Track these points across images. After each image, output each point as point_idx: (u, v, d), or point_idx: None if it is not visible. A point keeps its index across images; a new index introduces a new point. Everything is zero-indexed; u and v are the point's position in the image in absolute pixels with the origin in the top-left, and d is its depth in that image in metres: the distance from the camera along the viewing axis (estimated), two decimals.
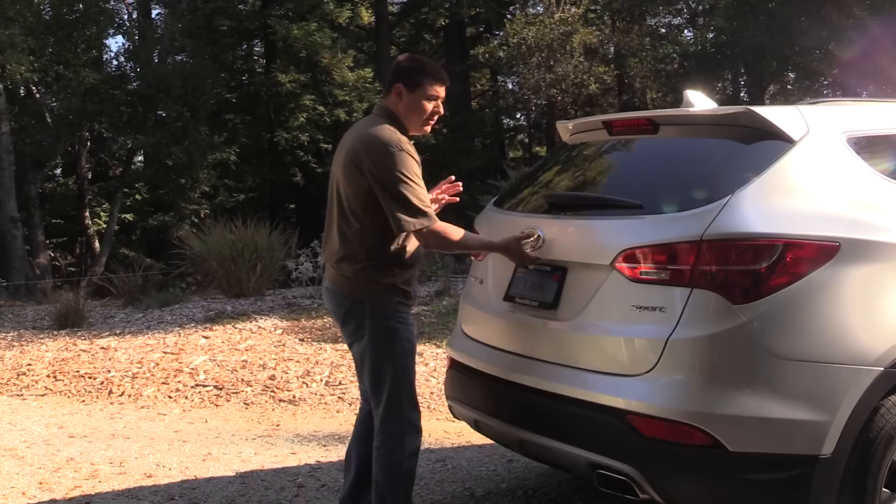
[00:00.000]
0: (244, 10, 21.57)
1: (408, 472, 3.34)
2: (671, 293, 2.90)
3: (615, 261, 3.02)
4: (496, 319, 3.61)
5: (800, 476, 2.80)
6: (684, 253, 2.89)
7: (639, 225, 3.08)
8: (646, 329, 2.93)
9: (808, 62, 16.31)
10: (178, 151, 18.04)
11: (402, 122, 3.33)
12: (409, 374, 3.36)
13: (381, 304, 3.28)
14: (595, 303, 3.11)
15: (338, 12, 18.86)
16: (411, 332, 3.37)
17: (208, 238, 10.41)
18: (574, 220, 3.43)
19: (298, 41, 18.29)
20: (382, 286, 3.27)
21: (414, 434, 3.35)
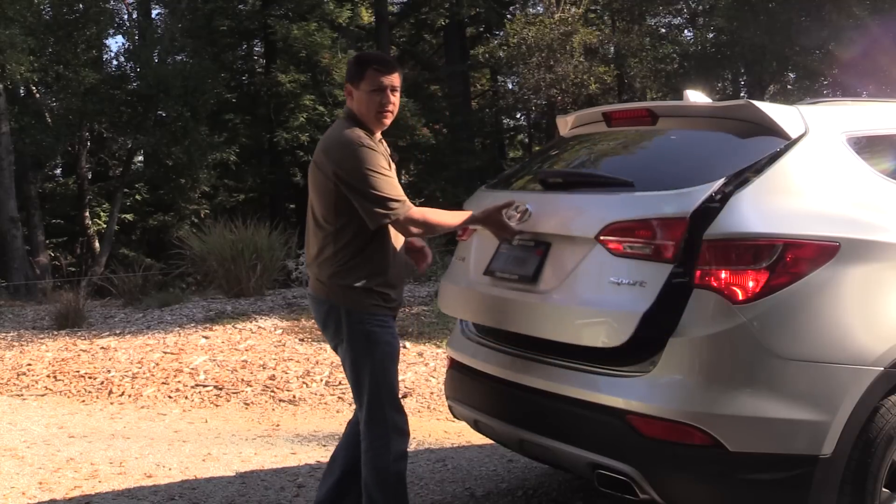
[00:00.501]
0: (244, 10, 21.57)
1: (396, 475, 3.29)
2: (653, 269, 2.89)
3: (600, 234, 3.02)
4: (473, 293, 3.60)
5: (800, 476, 2.80)
6: (670, 229, 2.89)
7: (627, 200, 3.09)
8: (622, 302, 2.92)
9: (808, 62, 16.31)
10: (178, 151, 18.04)
11: (363, 121, 3.28)
12: (391, 377, 3.30)
13: (358, 307, 3.24)
14: (574, 276, 3.11)
15: (338, 12, 18.86)
16: (391, 334, 3.32)
17: (208, 238, 10.41)
18: (562, 195, 3.44)
19: (298, 41, 18.28)
20: (357, 290, 3.23)
21: (399, 437, 3.30)
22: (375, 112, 3.26)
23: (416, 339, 7.54)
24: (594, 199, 3.24)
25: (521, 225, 3.34)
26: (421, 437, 5.32)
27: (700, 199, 2.88)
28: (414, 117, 19.43)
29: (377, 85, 3.24)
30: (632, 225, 2.98)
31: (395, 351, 3.34)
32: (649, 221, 2.95)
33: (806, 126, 3.11)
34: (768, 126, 3.09)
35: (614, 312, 2.95)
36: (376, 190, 3.13)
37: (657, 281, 2.87)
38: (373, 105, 3.25)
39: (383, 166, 3.18)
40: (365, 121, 3.28)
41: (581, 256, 3.11)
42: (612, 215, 3.04)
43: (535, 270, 3.27)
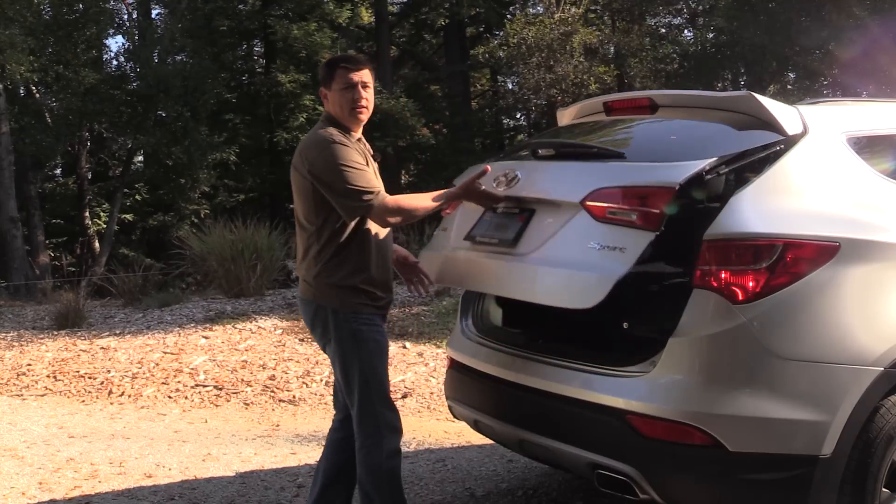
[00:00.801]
0: (244, 10, 21.56)
1: (390, 472, 3.30)
2: (634, 236, 2.88)
3: (586, 199, 3.01)
4: (451, 258, 3.60)
5: (800, 476, 2.79)
6: (657, 198, 2.88)
7: (616, 168, 3.12)
8: (599, 266, 2.91)
9: (808, 62, 16.31)
10: (178, 151, 18.03)
11: (339, 122, 3.33)
12: (380, 374, 3.32)
13: (344, 307, 3.25)
14: (554, 240, 3.11)
15: (338, 12, 18.86)
16: (379, 332, 3.33)
17: (208, 238, 10.41)
18: (552, 163, 3.45)
19: (298, 41, 18.28)
20: (342, 288, 3.25)
21: (391, 434, 3.31)
22: (349, 109, 3.30)
23: (416, 339, 7.54)
24: (583, 166, 3.25)
25: (508, 191, 3.33)
26: (421, 437, 5.32)
27: (690, 171, 2.88)
28: (414, 117, 19.43)
29: (347, 82, 3.29)
30: (619, 192, 2.97)
31: (383, 348, 3.34)
32: (637, 189, 2.95)
33: (806, 126, 3.11)
34: (767, 120, 3.09)
35: (590, 275, 2.93)
36: (349, 183, 3.16)
37: (637, 248, 2.86)
38: (345, 102, 3.30)
39: (356, 160, 3.20)
40: (341, 120, 3.33)
41: (563, 221, 3.10)
42: (601, 182, 3.04)
43: (515, 235, 3.25)
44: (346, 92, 3.29)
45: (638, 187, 2.95)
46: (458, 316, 3.96)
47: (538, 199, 3.27)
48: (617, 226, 2.94)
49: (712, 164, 2.92)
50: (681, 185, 2.87)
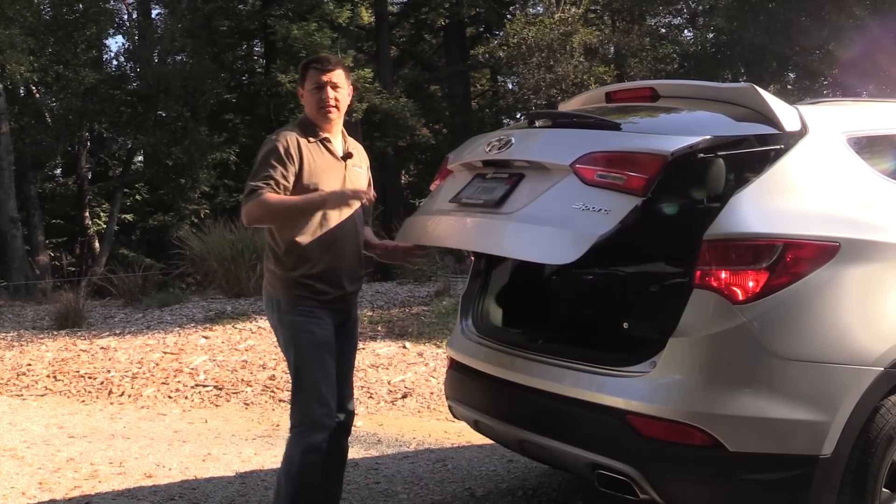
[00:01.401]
0: (244, 10, 21.56)
1: (303, 468, 3.32)
2: (620, 199, 2.88)
3: (576, 161, 3.01)
4: (434, 218, 3.60)
5: (800, 476, 2.79)
6: (647, 165, 2.88)
7: (611, 135, 3.14)
8: (581, 225, 2.89)
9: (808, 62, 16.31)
10: (178, 151, 18.02)
11: (311, 122, 3.44)
12: (313, 367, 3.36)
13: (283, 297, 3.38)
14: (540, 200, 3.10)
15: (338, 12, 18.83)
16: (317, 325, 3.37)
17: (208, 238, 10.41)
18: (547, 129, 3.48)
19: (298, 41, 18.26)
20: (283, 280, 3.38)
21: (313, 430, 3.34)
22: (318, 108, 3.41)
23: (416, 339, 7.54)
24: (578, 133, 3.27)
25: (499, 154, 3.34)
26: (421, 437, 5.32)
27: (684, 143, 2.89)
28: (414, 117, 19.42)
29: (317, 82, 3.40)
30: (611, 156, 2.98)
31: (319, 342, 3.36)
32: (629, 154, 2.96)
33: (806, 126, 3.11)
34: (766, 114, 3.08)
35: (571, 233, 2.91)
36: (250, 179, 3.32)
37: (621, 211, 2.85)
38: (315, 102, 3.41)
39: (274, 157, 3.29)
40: (313, 119, 3.45)
41: (551, 184, 3.09)
42: (593, 147, 3.05)
43: (502, 196, 3.25)
44: (315, 92, 3.41)
45: (630, 152, 2.96)
46: (458, 316, 3.97)
47: (529, 161, 3.26)
48: (604, 189, 2.93)
49: (707, 141, 2.92)
50: (672, 154, 2.86)
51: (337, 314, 3.45)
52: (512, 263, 4.01)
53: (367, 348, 7.21)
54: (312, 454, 3.32)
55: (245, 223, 3.42)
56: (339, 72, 3.43)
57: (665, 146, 2.90)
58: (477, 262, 4.01)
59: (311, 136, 3.40)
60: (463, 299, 3.99)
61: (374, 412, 5.91)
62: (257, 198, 3.25)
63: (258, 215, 3.32)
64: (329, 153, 3.42)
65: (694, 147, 2.91)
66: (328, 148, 3.43)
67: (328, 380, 3.37)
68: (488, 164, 3.44)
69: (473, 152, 3.57)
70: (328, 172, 3.39)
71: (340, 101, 3.43)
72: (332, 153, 3.43)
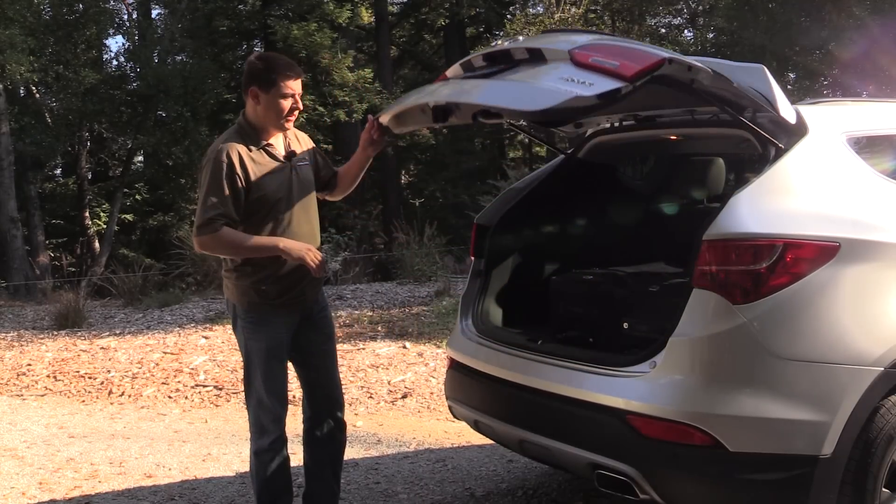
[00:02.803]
0: (244, 10, 21.54)
1: (258, 468, 3.46)
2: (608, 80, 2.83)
3: (574, 49, 2.99)
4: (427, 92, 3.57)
5: (800, 476, 2.80)
6: (643, 59, 2.85)
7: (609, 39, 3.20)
8: (562, 86, 2.86)
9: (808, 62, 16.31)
10: (178, 151, 18.02)
11: (256, 127, 3.34)
12: (259, 372, 3.39)
13: (237, 301, 3.41)
14: (530, 72, 3.11)
15: (338, 12, 18.82)
16: (268, 332, 3.38)
17: None
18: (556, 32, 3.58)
19: (298, 41, 18.25)
20: (237, 286, 3.39)
21: (260, 435, 3.45)
22: (282, 117, 3.33)
23: (416, 339, 7.54)
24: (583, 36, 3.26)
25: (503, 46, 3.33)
26: (421, 437, 5.32)
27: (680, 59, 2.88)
28: None
29: (289, 91, 3.31)
30: (610, 48, 2.98)
31: (266, 349, 3.38)
32: (628, 49, 2.96)
33: (806, 126, 3.11)
34: (768, 97, 3.04)
35: (549, 88, 2.90)
36: (199, 205, 3.29)
37: (604, 86, 2.81)
38: (280, 110, 3.31)
39: (220, 182, 3.20)
40: (260, 124, 3.33)
41: (545, 66, 3.10)
42: (595, 42, 3.08)
43: (495, 71, 3.24)
44: (285, 100, 3.30)
45: (629, 49, 2.98)
46: (458, 316, 3.97)
47: (529, 49, 3.22)
48: (595, 71, 2.90)
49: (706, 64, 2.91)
50: (671, 60, 2.84)
51: (296, 311, 3.44)
52: (512, 263, 4.01)
53: (367, 348, 7.21)
54: (262, 455, 3.46)
55: (197, 250, 3.45)
56: (301, 80, 3.38)
57: (661, 55, 2.87)
58: (477, 262, 4.02)
59: (252, 143, 3.31)
60: (463, 299, 3.99)
61: (374, 412, 5.91)
62: (213, 233, 3.23)
63: (213, 248, 3.32)
64: (271, 157, 3.34)
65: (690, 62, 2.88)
66: (270, 152, 3.35)
67: (273, 385, 3.42)
68: (488, 57, 3.39)
69: (475, 53, 3.57)
70: (272, 177, 3.31)
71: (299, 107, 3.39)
72: (275, 157, 3.35)
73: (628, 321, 3.57)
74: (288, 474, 3.54)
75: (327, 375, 3.59)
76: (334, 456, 3.65)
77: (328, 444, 3.60)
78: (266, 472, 3.45)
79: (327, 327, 3.62)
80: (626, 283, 3.72)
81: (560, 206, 4.13)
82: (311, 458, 3.66)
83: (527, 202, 4.04)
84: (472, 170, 20.92)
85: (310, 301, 3.49)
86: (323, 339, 3.58)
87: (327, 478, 3.63)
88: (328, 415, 3.60)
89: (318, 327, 3.55)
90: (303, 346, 3.51)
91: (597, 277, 3.84)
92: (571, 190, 4.15)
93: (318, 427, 3.61)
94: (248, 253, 3.30)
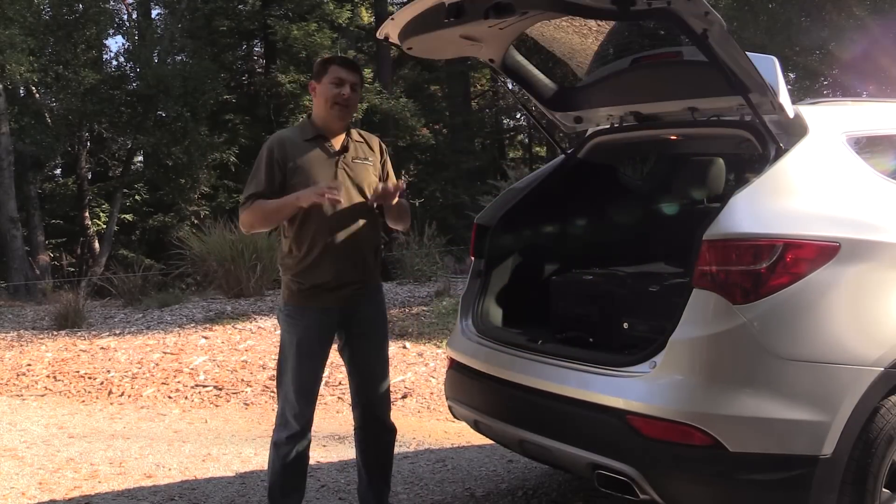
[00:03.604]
0: (244, 11, 21.53)
1: (275, 460, 3.50)
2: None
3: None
4: None
5: (800, 476, 2.79)
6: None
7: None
8: None
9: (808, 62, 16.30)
10: (178, 152, 18.02)
11: (315, 122, 3.51)
12: (289, 367, 3.46)
13: (282, 294, 3.58)
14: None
15: (338, 13, 18.83)
16: (300, 326, 3.45)
17: (208, 238, 10.41)
18: None
19: (298, 41, 18.26)
20: (282, 279, 3.56)
21: (282, 427, 3.50)
22: (331, 103, 3.43)
23: (416, 339, 7.54)
24: None
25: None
26: (421, 437, 5.32)
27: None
28: (414, 117, 19.42)
29: (337, 78, 3.43)
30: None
31: (296, 342, 3.45)
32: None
33: (806, 126, 3.11)
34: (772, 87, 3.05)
35: None
36: (247, 184, 3.47)
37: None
38: (329, 96, 3.43)
39: (259, 166, 3.41)
40: (320, 117, 3.49)
41: None
42: None
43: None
44: (333, 86, 3.42)
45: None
46: (458, 316, 3.97)
47: None
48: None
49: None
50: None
51: (333, 314, 3.46)
52: (512, 263, 4.01)
53: None
54: (280, 447, 3.49)
55: (244, 232, 3.59)
56: (359, 76, 3.51)
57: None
58: (477, 262, 4.02)
59: (305, 135, 3.47)
60: (463, 299, 3.99)
61: None
62: (248, 208, 3.41)
63: (250, 223, 3.47)
64: (321, 149, 3.44)
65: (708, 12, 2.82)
66: (321, 145, 3.45)
67: (301, 381, 3.46)
68: None
69: None
70: (316, 168, 3.40)
71: (353, 103, 3.47)
72: (325, 149, 3.45)
73: (628, 321, 3.57)
74: (303, 471, 3.56)
75: (374, 379, 3.61)
76: (382, 459, 3.68)
77: (374, 446, 3.63)
78: (280, 465, 3.48)
79: (374, 338, 3.61)
80: (626, 283, 3.72)
81: (560, 206, 4.13)
82: (359, 459, 3.71)
83: (527, 202, 4.04)
84: (472, 170, 20.91)
85: (352, 303, 3.49)
86: (367, 349, 3.59)
87: (376, 479, 3.66)
88: (373, 417, 3.62)
89: (363, 336, 3.57)
90: (353, 349, 3.57)
91: (597, 277, 3.84)
92: (571, 190, 4.15)
93: (365, 429, 3.65)
94: (274, 215, 3.42)
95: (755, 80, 3.02)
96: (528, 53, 4.26)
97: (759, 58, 3.13)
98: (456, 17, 3.26)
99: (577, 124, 4.16)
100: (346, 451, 5.01)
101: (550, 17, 3.57)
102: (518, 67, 4.02)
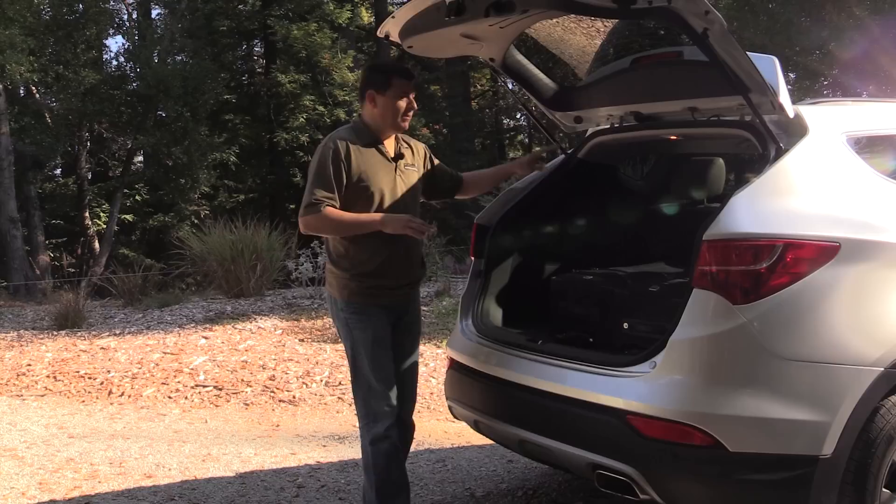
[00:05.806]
0: (244, 11, 21.54)
1: (375, 457, 3.44)
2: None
3: None
4: None
5: (800, 476, 2.79)
6: None
7: None
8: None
9: (808, 62, 16.30)
10: (178, 152, 18.02)
11: (370, 127, 3.52)
12: (365, 363, 3.46)
13: (339, 296, 3.53)
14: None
15: (338, 13, 18.84)
16: (368, 323, 3.47)
17: (208, 238, 10.40)
18: None
19: (298, 41, 18.27)
20: (339, 280, 3.52)
21: (375, 421, 3.45)
22: (399, 117, 3.52)
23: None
24: None
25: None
26: (421, 437, 5.31)
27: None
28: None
29: (405, 92, 3.52)
30: None
31: (370, 338, 3.46)
32: None
33: (806, 126, 3.11)
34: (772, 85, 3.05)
35: None
36: (306, 190, 3.45)
37: None
38: (399, 110, 3.51)
39: (325, 167, 3.39)
40: (377, 125, 3.56)
41: None
42: None
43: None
44: (401, 103, 3.50)
45: None
46: (458, 316, 3.97)
47: None
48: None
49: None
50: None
51: (392, 311, 3.54)
52: (512, 263, 4.01)
53: None
54: (380, 443, 3.44)
55: (302, 231, 3.52)
56: (416, 83, 3.58)
57: None
58: (477, 262, 4.02)
59: (362, 140, 3.49)
60: (463, 299, 3.99)
61: None
62: (318, 213, 3.37)
63: (316, 227, 3.46)
64: (380, 154, 3.51)
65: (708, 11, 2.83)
66: (379, 150, 3.51)
67: (381, 372, 3.46)
68: None
69: None
70: (379, 174, 3.48)
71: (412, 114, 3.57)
72: (384, 154, 3.52)
73: (628, 321, 3.57)
74: (404, 465, 3.55)
75: (405, 380, 3.62)
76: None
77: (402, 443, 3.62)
78: (384, 461, 3.43)
79: (414, 334, 3.72)
80: (626, 283, 3.72)
81: (560, 206, 4.13)
82: None
83: (527, 202, 4.05)
84: (472, 170, 20.89)
85: (405, 300, 3.60)
86: (409, 344, 3.66)
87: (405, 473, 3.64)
88: (403, 415, 3.62)
89: (407, 332, 3.64)
90: (396, 345, 3.58)
91: (597, 277, 3.84)
92: (571, 190, 4.15)
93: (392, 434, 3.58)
94: (350, 229, 3.43)
95: (755, 80, 3.02)
96: (528, 53, 4.26)
97: (760, 58, 3.13)
98: (457, 15, 3.27)
99: (578, 124, 4.17)
100: (346, 451, 5.01)
101: (551, 16, 3.58)
102: (518, 67, 4.02)
